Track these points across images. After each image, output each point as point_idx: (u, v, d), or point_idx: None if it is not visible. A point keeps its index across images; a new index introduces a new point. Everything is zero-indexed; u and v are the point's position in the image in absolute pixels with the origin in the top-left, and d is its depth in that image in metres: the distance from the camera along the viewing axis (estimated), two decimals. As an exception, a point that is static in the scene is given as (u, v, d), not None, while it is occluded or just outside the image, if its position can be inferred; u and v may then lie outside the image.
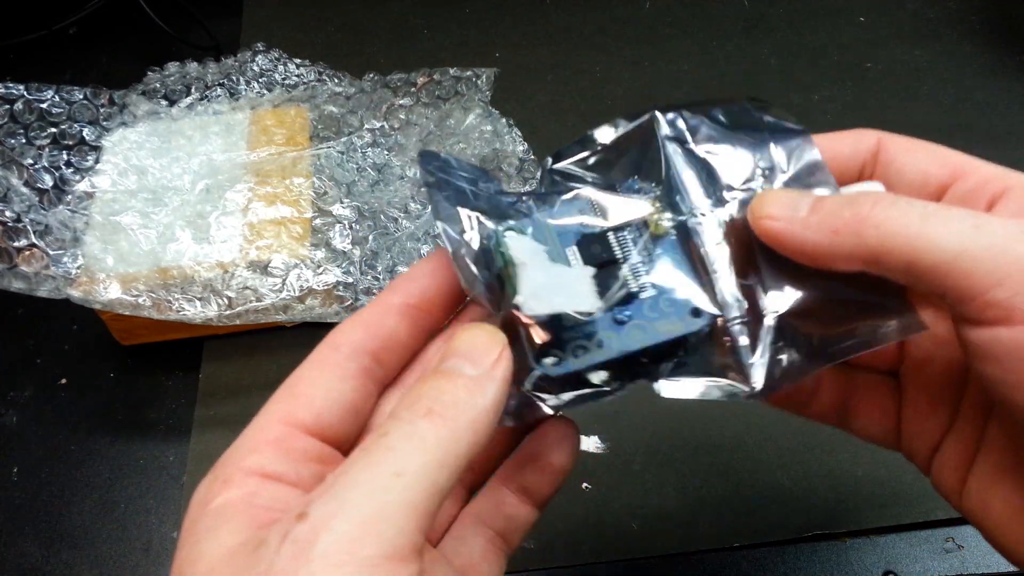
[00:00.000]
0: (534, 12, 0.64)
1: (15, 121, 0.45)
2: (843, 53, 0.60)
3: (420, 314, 0.24)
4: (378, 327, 0.23)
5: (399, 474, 0.18)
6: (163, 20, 0.57)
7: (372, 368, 0.23)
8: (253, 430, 0.22)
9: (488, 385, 0.21)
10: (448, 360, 0.21)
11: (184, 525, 0.21)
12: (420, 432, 0.19)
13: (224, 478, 0.21)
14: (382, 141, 0.49)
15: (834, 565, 0.39)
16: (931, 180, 0.24)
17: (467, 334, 0.22)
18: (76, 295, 0.40)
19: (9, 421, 0.44)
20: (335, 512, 0.18)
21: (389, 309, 0.24)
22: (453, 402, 0.20)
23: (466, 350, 0.21)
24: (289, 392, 0.22)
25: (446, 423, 0.20)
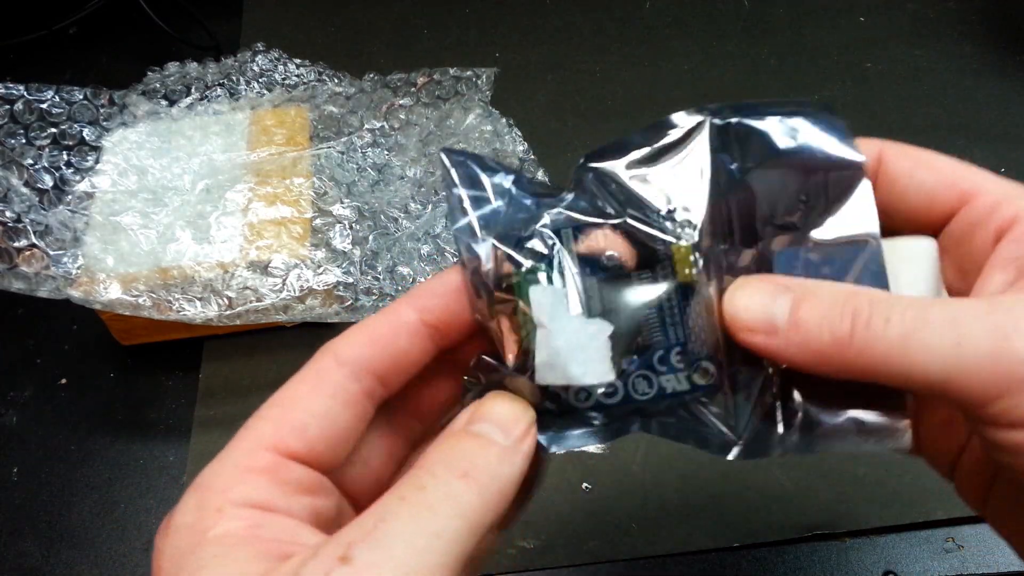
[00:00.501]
0: (534, 12, 0.64)
1: (15, 121, 0.45)
2: (843, 53, 0.60)
3: (436, 334, 0.23)
4: (390, 346, 0.22)
5: (439, 535, 0.18)
6: (163, 20, 0.57)
7: (375, 389, 0.22)
8: (240, 453, 0.21)
9: (516, 457, 0.21)
10: (480, 424, 0.21)
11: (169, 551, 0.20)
12: (457, 494, 0.19)
13: (216, 507, 0.20)
14: (382, 141, 0.49)
15: (834, 565, 0.39)
16: (936, 205, 0.23)
17: (500, 404, 0.22)
18: (76, 295, 0.40)
19: (9, 421, 0.44)
20: (380, 562, 0.18)
21: (404, 326, 0.22)
22: (486, 469, 0.20)
23: (498, 419, 0.21)
24: (282, 411, 0.21)
25: (480, 489, 0.20)
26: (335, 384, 0.22)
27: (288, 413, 0.21)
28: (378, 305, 0.42)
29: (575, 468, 0.41)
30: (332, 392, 0.21)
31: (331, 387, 0.21)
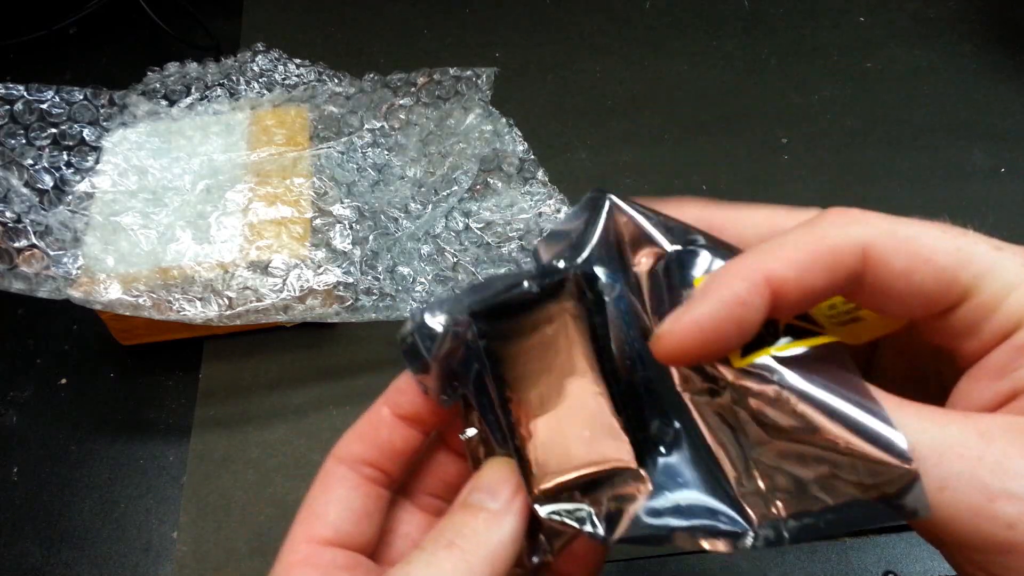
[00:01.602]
0: (534, 12, 0.64)
1: (15, 122, 0.45)
2: (843, 53, 0.60)
3: (412, 423, 0.26)
4: (373, 439, 0.25)
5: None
6: (163, 20, 0.57)
7: (376, 476, 0.25)
8: (284, 555, 0.24)
9: (506, 519, 0.22)
10: (472, 494, 0.23)
11: None
12: (438, 562, 0.21)
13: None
14: (382, 141, 0.49)
15: (834, 565, 0.39)
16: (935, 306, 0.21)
17: (489, 468, 0.24)
18: (76, 296, 0.40)
19: (9, 421, 0.44)
20: None
21: (381, 421, 0.25)
22: (472, 534, 0.22)
23: (487, 484, 0.23)
24: (307, 513, 0.25)
25: (464, 555, 0.21)
26: (339, 476, 0.25)
27: (311, 510, 0.25)
28: (378, 305, 0.42)
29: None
30: (338, 483, 0.25)
31: (336, 479, 0.25)
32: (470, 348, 0.24)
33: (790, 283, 0.20)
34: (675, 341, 0.20)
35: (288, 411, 0.44)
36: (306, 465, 0.42)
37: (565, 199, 0.48)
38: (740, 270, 0.20)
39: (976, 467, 0.18)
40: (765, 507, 0.21)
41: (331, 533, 0.24)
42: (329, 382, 0.45)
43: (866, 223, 0.20)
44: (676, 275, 0.22)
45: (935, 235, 0.20)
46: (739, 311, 0.20)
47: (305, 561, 0.24)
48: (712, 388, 0.22)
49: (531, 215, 0.47)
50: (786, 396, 0.20)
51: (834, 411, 0.19)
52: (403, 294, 0.43)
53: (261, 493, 0.41)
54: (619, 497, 0.23)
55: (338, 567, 0.24)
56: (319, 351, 0.46)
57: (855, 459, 0.19)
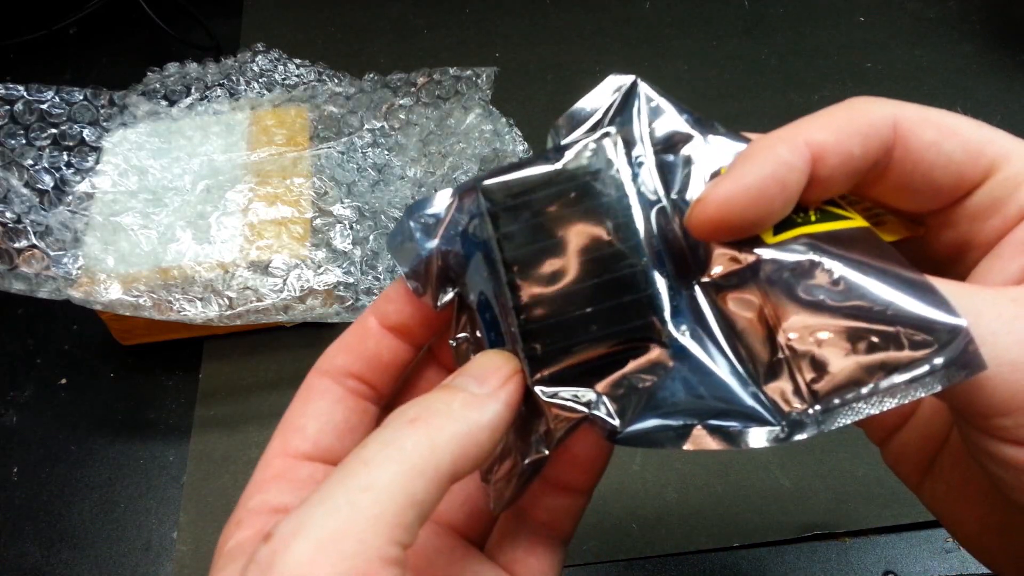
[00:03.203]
0: (534, 12, 0.64)
1: (15, 122, 0.45)
2: (843, 53, 0.60)
3: (400, 334, 0.24)
4: (360, 350, 0.24)
5: (368, 488, 0.17)
6: (163, 20, 0.57)
7: (361, 389, 0.24)
8: (257, 471, 0.22)
9: (489, 403, 0.20)
10: (456, 378, 0.21)
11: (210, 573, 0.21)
12: (398, 440, 0.18)
13: (236, 521, 0.21)
14: (382, 141, 0.49)
15: (834, 565, 0.39)
16: (964, 180, 0.21)
17: (482, 357, 0.21)
18: (77, 296, 0.40)
19: (9, 421, 0.44)
20: (295, 532, 0.17)
21: (368, 331, 0.24)
22: (441, 411, 0.19)
23: (475, 371, 0.21)
24: (284, 427, 0.23)
25: (428, 431, 0.19)
26: (321, 389, 0.23)
27: (288, 424, 0.23)
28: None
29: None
30: (319, 396, 0.23)
31: (317, 392, 0.23)
32: (468, 238, 0.22)
33: (829, 147, 0.20)
34: (715, 207, 0.19)
35: (288, 411, 0.44)
36: (306, 465, 0.42)
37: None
38: (781, 135, 0.20)
39: (1013, 326, 0.17)
40: (797, 396, 0.19)
41: (309, 447, 0.22)
42: (329, 382, 0.45)
43: (896, 103, 0.21)
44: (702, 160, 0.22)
45: (960, 118, 0.21)
46: (783, 172, 0.19)
47: (279, 476, 0.22)
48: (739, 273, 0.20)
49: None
50: (828, 265, 0.19)
51: (877, 277, 0.19)
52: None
53: (261, 493, 0.41)
54: (633, 383, 0.21)
55: (317, 482, 0.21)
56: (319, 351, 0.45)
57: (902, 324, 0.18)
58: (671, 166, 0.22)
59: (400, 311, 0.24)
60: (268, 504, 0.21)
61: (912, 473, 0.24)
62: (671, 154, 0.23)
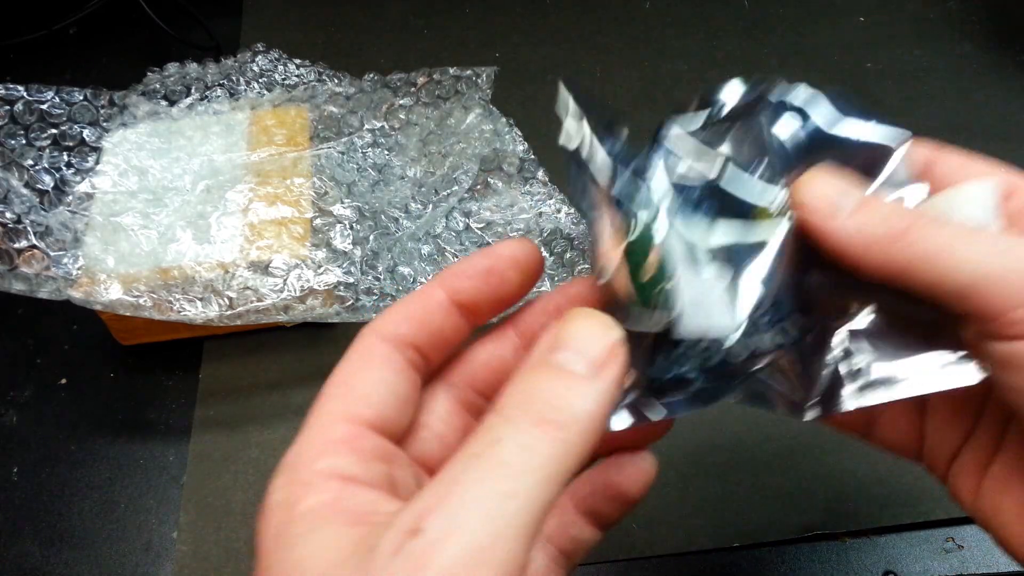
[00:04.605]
0: (534, 12, 0.64)
1: (15, 122, 0.45)
2: (843, 53, 0.60)
3: (465, 312, 0.24)
4: (425, 322, 0.23)
5: (513, 495, 0.17)
6: (163, 20, 0.57)
7: (416, 361, 0.23)
8: (319, 429, 0.21)
9: (599, 387, 0.19)
10: (557, 352, 0.20)
11: (267, 530, 0.20)
12: (534, 444, 0.18)
13: (304, 481, 0.20)
14: (382, 141, 0.49)
15: (834, 565, 0.39)
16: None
17: (579, 323, 0.20)
18: (77, 296, 0.40)
19: (9, 421, 0.44)
20: (450, 532, 0.17)
21: (436, 305, 0.23)
22: (566, 408, 0.19)
23: (577, 343, 0.20)
24: (346, 388, 0.22)
25: (559, 435, 0.18)
26: (383, 356, 0.22)
27: (351, 387, 0.22)
28: (379, 305, 0.42)
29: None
30: (382, 363, 0.22)
31: (380, 359, 0.22)
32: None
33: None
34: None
35: (288, 411, 0.44)
36: (306, 465, 0.42)
37: (565, 199, 0.48)
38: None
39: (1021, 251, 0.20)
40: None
41: (374, 416, 0.21)
42: (329, 382, 0.45)
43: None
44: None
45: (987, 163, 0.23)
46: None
47: (346, 442, 0.21)
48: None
49: (531, 215, 0.47)
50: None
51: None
52: (403, 294, 0.43)
53: (261, 493, 0.41)
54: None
55: (377, 457, 0.21)
56: (319, 351, 0.46)
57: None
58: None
59: (477, 289, 0.24)
60: (339, 471, 0.20)
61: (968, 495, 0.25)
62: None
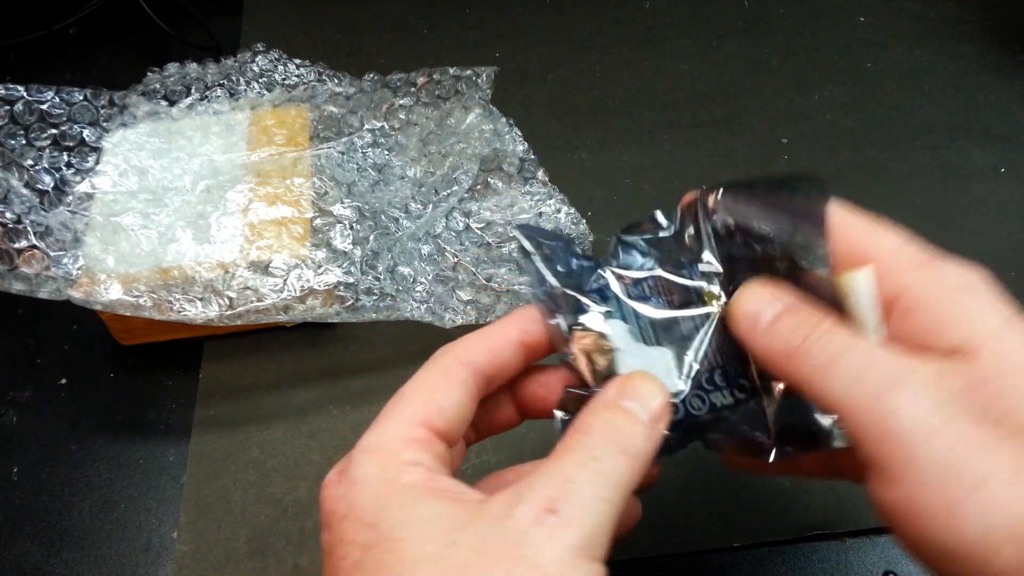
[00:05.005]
0: (534, 12, 0.64)
1: (15, 122, 0.45)
2: (843, 53, 0.60)
3: (528, 350, 0.28)
4: (499, 356, 0.27)
5: (611, 501, 0.23)
6: (163, 20, 0.57)
7: (482, 387, 0.27)
8: (402, 426, 0.25)
9: (653, 435, 0.25)
10: (627, 400, 0.25)
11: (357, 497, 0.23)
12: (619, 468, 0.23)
13: (399, 463, 0.24)
14: (382, 141, 0.49)
15: (834, 565, 0.39)
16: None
17: (643, 382, 0.25)
18: (77, 296, 0.40)
19: (9, 421, 0.44)
20: (579, 517, 0.22)
21: (509, 343, 0.28)
22: (637, 446, 0.24)
23: (642, 397, 0.25)
24: (427, 397, 0.26)
25: (633, 464, 0.23)
26: (460, 379, 0.26)
27: (432, 398, 0.26)
28: (379, 305, 0.42)
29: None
30: (460, 385, 0.26)
31: (458, 381, 0.26)
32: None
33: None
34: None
35: (288, 411, 0.44)
36: (306, 465, 0.42)
37: (565, 199, 0.48)
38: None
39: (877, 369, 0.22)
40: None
41: (444, 428, 0.25)
42: (329, 382, 0.45)
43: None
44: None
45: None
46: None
47: (423, 443, 0.25)
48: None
49: (531, 215, 0.47)
50: None
51: None
52: (403, 294, 0.43)
53: (261, 493, 0.41)
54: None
55: (442, 460, 0.25)
56: (319, 351, 0.46)
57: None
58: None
59: (540, 332, 0.28)
60: (424, 464, 0.24)
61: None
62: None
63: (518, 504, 0.22)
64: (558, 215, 0.47)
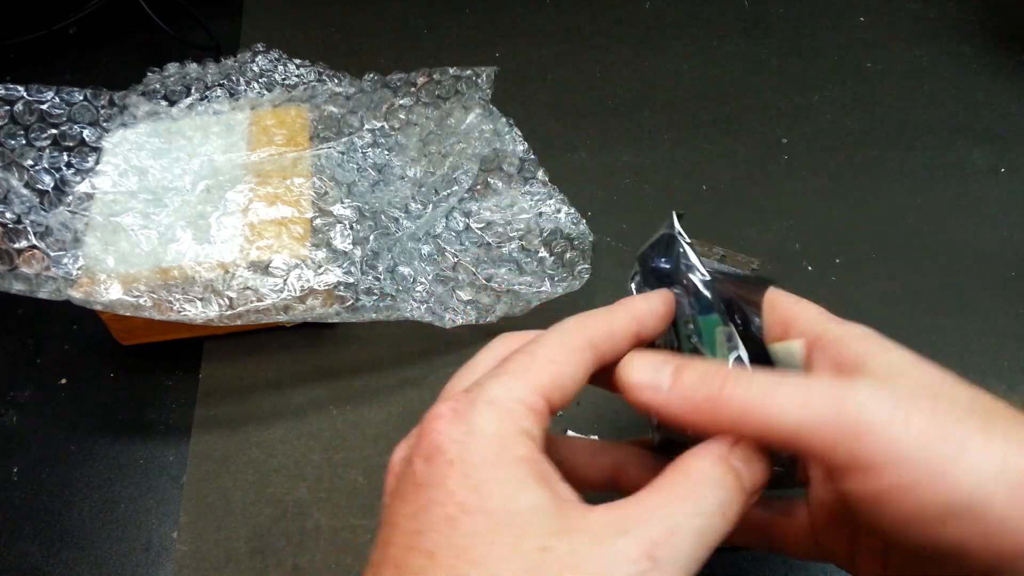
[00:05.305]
0: (534, 12, 0.64)
1: (15, 122, 0.45)
2: (843, 53, 0.60)
3: (639, 343, 0.28)
4: (617, 345, 0.27)
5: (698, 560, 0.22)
6: (163, 20, 0.57)
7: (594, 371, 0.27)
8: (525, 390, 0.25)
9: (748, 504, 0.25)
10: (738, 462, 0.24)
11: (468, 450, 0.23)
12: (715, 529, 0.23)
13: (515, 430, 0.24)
14: (382, 141, 0.49)
15: (834, 565, 0.39)
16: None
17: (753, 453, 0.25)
18: (77, 296, 0.40)
19: (9, 421, 0.44)
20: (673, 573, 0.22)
21: (628, 335, 0.28)
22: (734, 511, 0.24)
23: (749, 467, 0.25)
24: (554, 369, 0.25)
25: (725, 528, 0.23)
26: (585, 362, 0.26)
27: (559, 371, 0.26)
28: (379, 305, 0.42)
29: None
30: (582, 364, 0.26)
31: (583, 360, 0.26)
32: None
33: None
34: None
35: (288, 411, 0.44)
36: (306, 465, 0.42)
37: (565, 199, 0.48)
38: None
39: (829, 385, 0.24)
40: None
41: (557, 403, 0.25)
42: (329, 382, 0.45)
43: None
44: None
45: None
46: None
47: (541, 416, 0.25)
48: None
49: (531, 215, 0.47)
50: None
51: None
52: (404, 294, 0.43)
53: (261, 493, 0.41)
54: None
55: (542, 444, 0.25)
56: (319, 351, 0.46)
57: None
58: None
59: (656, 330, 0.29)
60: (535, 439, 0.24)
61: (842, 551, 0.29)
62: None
63: (622, 536, 0.22)
64: (558, 215, 0.47)
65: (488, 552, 0.21)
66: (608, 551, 0.21)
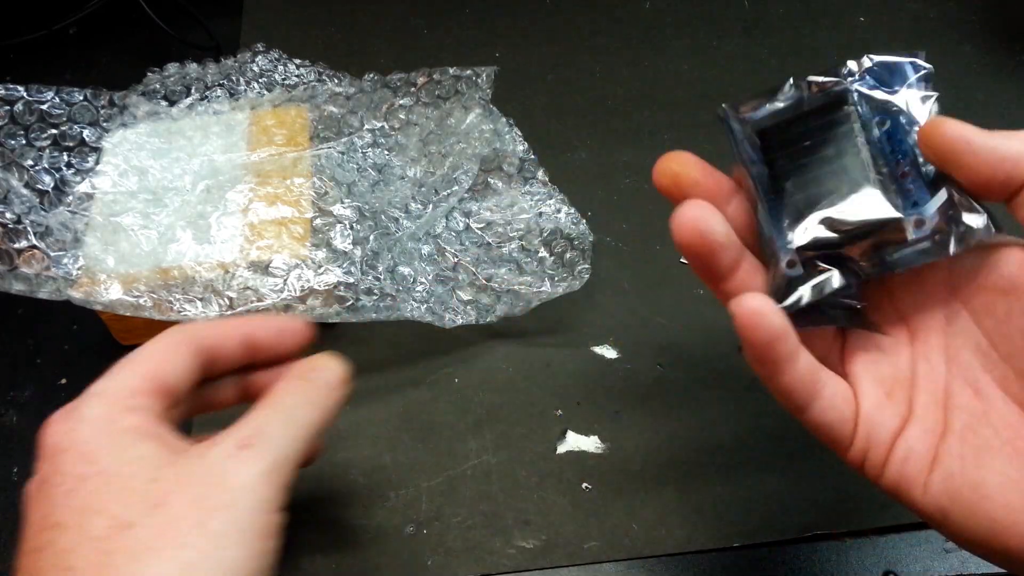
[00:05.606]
0: (534, 12, 0.64)
1: (15, 122, 0.45)
2: (843, 53, 0.60)
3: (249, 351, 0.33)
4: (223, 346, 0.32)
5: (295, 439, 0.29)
6: (163, 20, 0.57)
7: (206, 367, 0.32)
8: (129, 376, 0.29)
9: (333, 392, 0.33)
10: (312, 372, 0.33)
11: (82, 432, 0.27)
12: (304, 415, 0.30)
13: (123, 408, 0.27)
14: (382, 141, 0.49)
15: (834, 565, 0.39)
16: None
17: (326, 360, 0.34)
18: (77, 296, 0.40)
19: (9, 421, 0.44)
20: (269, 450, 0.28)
21: (234, 338, 0.32)
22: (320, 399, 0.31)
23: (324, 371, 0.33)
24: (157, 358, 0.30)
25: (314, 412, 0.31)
26: (189, 351, 0.30)
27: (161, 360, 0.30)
28: (379, 305, 0.42)
29: (575, 468, 0.41)
30: (186, 355, 0.30)
31: (186, 352, 0.30)
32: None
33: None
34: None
35: (288, 411, 0.44)
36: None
37: (565, 199, 0.48)
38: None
39: None
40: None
41: (168, 389, 0.30)
42: (329, 382, 0.45)
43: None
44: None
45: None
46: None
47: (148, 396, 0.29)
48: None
49: (531, 215, 0.47)
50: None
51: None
52: (404, 294, 0.43)
53: (261, 493, 0.41)
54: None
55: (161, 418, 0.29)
56: (319, 351, 0.46)
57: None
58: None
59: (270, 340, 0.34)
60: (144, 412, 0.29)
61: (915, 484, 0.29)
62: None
63: (216, 445, 0.27)
64: (558, 215, 0.47)
65: (106, 500, 0.25)
66: (206, 459, 0.26)
